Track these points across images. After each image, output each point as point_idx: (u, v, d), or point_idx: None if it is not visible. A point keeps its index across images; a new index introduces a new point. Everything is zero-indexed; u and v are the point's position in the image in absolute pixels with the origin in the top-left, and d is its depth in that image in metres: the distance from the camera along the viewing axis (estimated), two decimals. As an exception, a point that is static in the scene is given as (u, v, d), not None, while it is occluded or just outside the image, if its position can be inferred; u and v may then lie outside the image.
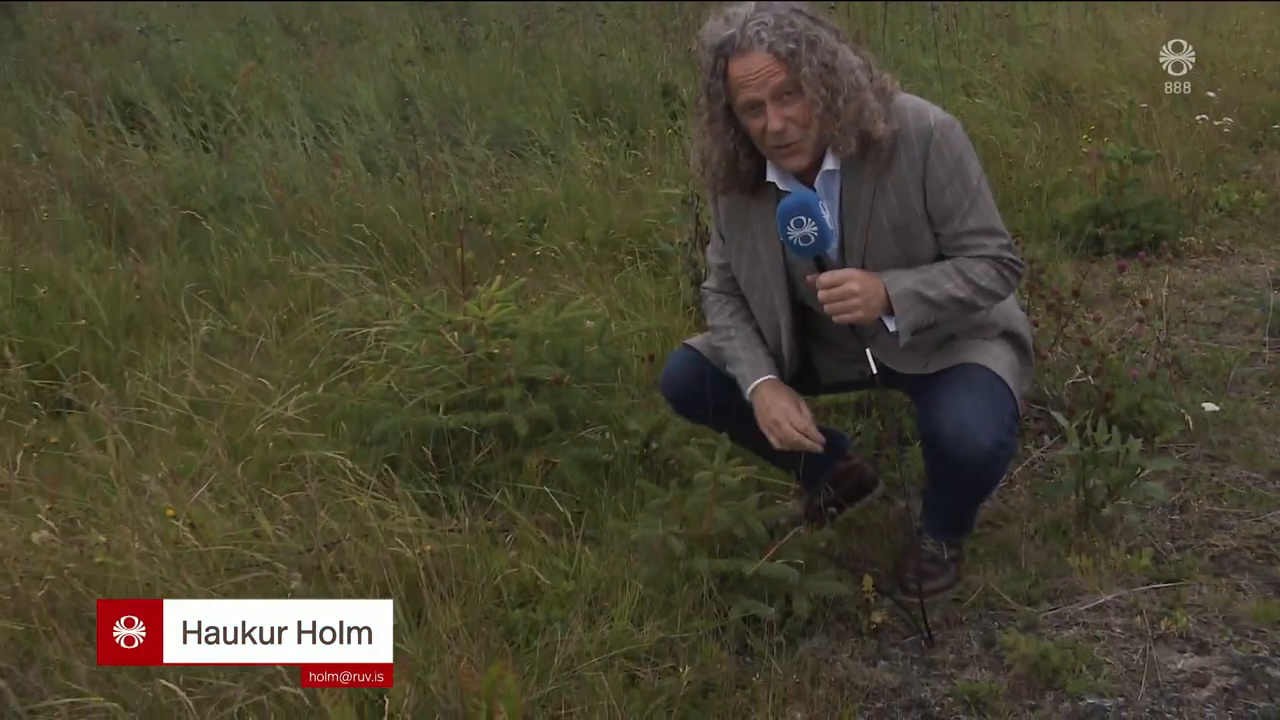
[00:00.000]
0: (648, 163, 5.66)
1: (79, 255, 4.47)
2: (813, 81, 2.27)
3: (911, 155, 2.39)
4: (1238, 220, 5.26)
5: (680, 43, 7.28)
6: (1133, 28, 8.16)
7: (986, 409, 2.44)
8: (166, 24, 8.14)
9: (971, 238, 2.44)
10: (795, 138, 2.33)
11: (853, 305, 2.34)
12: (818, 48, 2.28)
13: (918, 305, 2.39)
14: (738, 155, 2.43)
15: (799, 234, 2.30)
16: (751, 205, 2.54)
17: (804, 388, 2.75)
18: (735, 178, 2.47)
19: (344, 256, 4.50)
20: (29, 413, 3.47)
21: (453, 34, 8.04)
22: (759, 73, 2.28)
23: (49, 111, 6.15)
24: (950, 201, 2.41)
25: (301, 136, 5.96)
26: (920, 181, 2.40)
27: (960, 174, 2.41)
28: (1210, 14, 8.72)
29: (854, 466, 3.00)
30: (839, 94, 2.29)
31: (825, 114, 2.30)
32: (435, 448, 3.08)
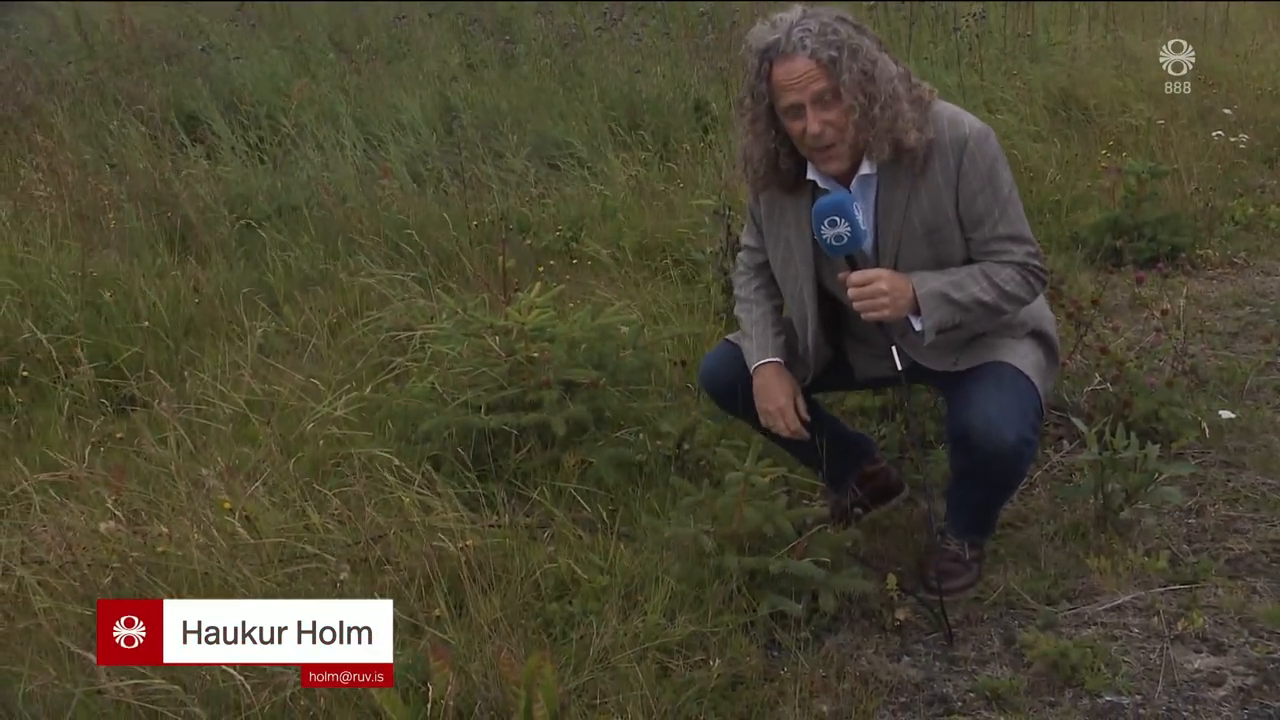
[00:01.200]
0: (680, 175, 5.65)
1: (144, 261, 4.50)
2: (852, 88, 2.28)
3: (946, 162, 2.39)
4: (1253, 233, 5.21)
5: (712, 60, 7.28)
6: (1150, 47, 8.08)
7: (1013, 404, 2.43)
8: (227, 43, 8.19)
9: (1000, 244, 2.43)
10: (832, 140, 2.34)
11: (881, 304, 2.34)
12: (859, 56, 2.29)
13: (943, 306, 2.38)
14: (778, 154, 2.44)
15: (833, 233, 2.30)
16: (789, 202, 2.55)
17: (839, 382, 2.79)
18: (775, 175, 2.48)
19: (391, 263, 4.52)
20: (97, 409, 3.50)
21: (495, 51, 8.03)
22: (801, 77, 2.29)
23: (118, 125, 6.19)
24: (981, 208, 2.41)
25: (351, 149, 5.98)
26: (953, 188, 2.40)
27: (992, 182, 2.41)
28: (1225, 34, 8.64)
29: (881, 470, 3.00)
30: (876, 101, 2.29)
31: (862, 120, 2.31)
32: (477, 447, 3.10)
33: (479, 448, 3.10)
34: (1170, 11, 9.56)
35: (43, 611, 2.41)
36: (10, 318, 3.93)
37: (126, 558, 2.53)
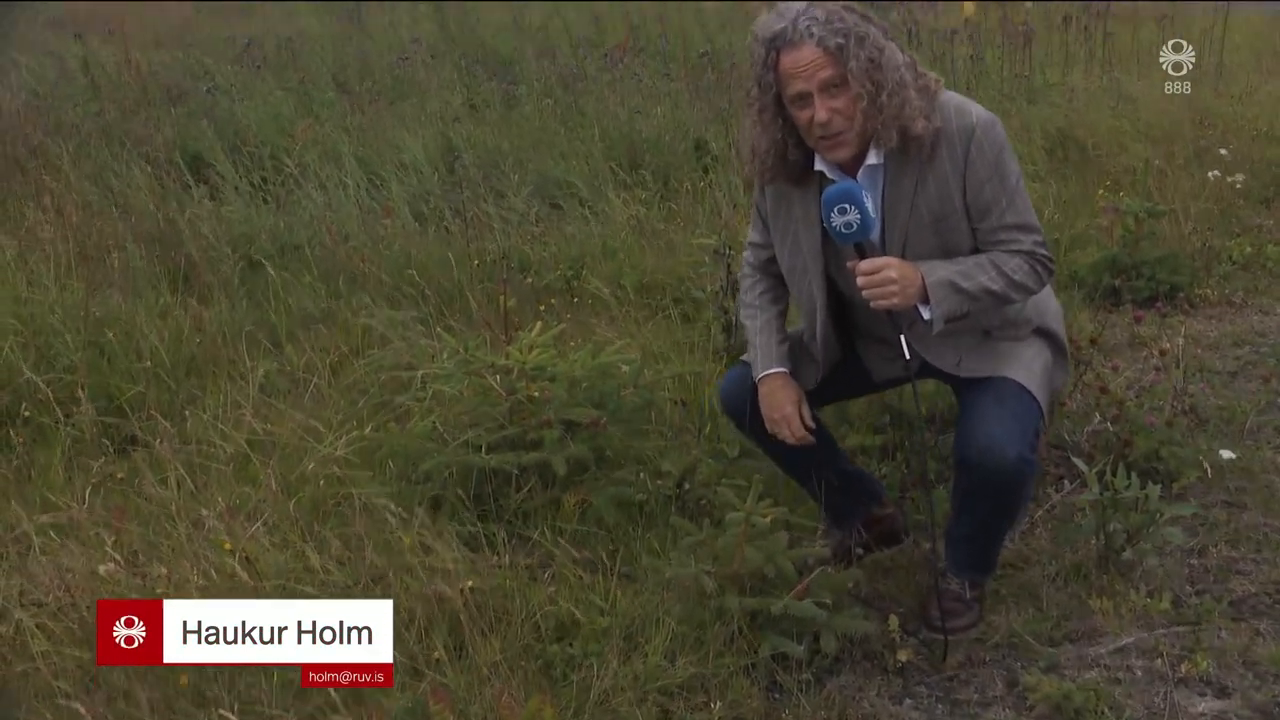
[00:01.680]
0: (680, 214, 5.65)
1: (147, 300, 4.48)
2: (859, 75, 2.28)
3: (953, 151, 2.40)
4: (1250, 273, 5.20)
5: (711, 101, 7.31)
6: (1147, 89, 8.12)
7: (1014, 424, 2.45)
8: (232, 85, 8.24)
9: (1008, 233, 2.44)
10: (840, 128, 2.34)
11: (890, 291, 2.34)
12: (865, 43, 2.29)
13: (952, 295, 2.38)
14: (786, 145, 2.44)
15: (842, 221, 2.31)
16: (795, 194, 2.55)
17: (854, 387, 2.81)
18: (783, 167, 2.48)
19: (393, 302, 4.51)
20: (98, 450, 3.48)
21: (497, 92, 8.06)
22: (808, 65, 2.29)
23: (124, 166, 6.21)
24: (989, 197, 2.42)
25: (354, 188, 5.98)
26: (961, 176, 2.41)
27: (999, 171, 2.42)
28: (1220, 76, 8.69)
29: (888, 515, 3.01)
30: (883, 89, 2.30)
31: (869, 107, 2.31)
32: (477, 486, 3.08)
33: (480, 487, 3.08)
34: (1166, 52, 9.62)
35: (40, 655, 2.39)
36: (12, 358, 3.91)
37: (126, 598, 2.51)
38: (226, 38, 10.40)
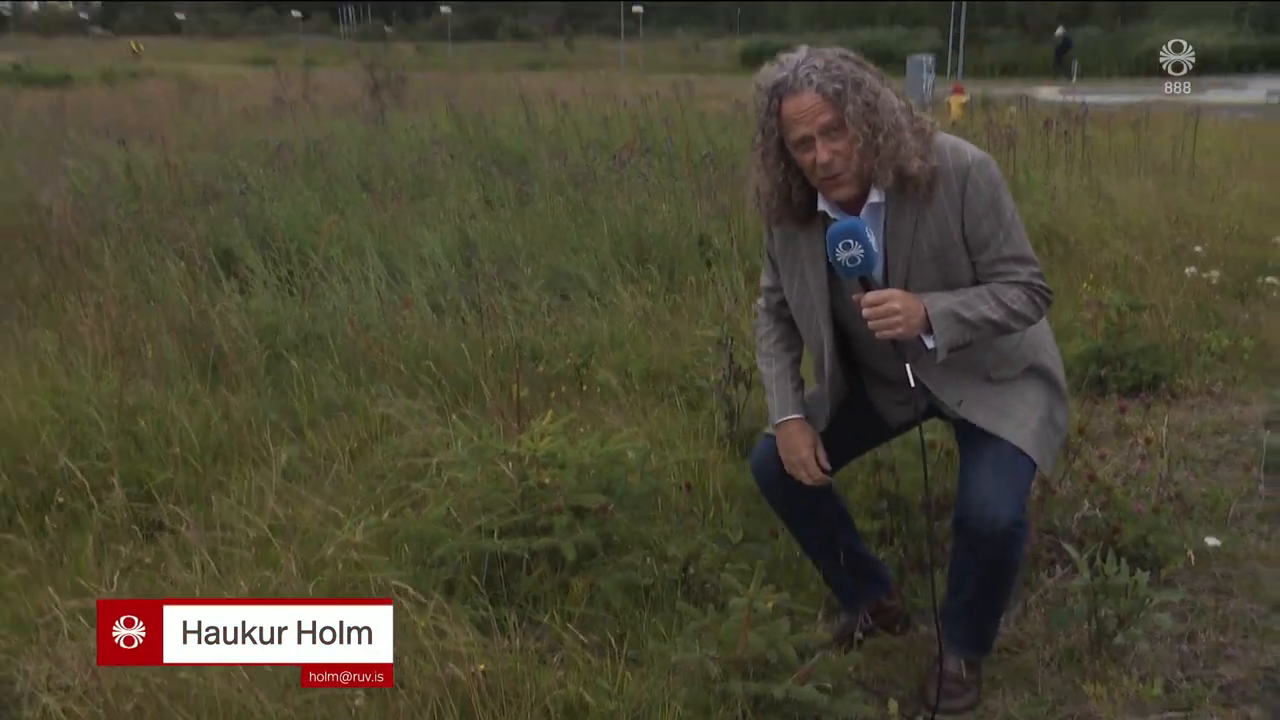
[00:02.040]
0: (685, 306, 5.68)
1: (178, 390, 4.48)
2: (856, 119, 2.32)
3: (950, 189, 2.42)
4: (1229, 364, 5.21)
5: (714, 198, 7.38)
6: (1124, 188, 8.22)
7: (1008, 491, 2.48)
8: (263, 184, 8.32)
9: (1005, 265, 2.46)
10: (840, 169, 2.37)
11: (894, 321, 2.35)
12: (862, 89, 2.33)
13: (954, 324, 2.39)
14: (790, 187, 2.47)
15: (846, 255, 2.33)
16: (802, 235, 2.57)
17: (874, 433, 2.82)
18: (788, 208, 2.51)
19: (411, 390, 4.50)
20: (127, 535, 3.44)
21: (511, 190, 8.13)
22: (809, 110, 2.33)
23: (159, 262, 6.25)
24: (986, 231, 2.43)
25: (375, 281, 5.99)
26: (959, 212, 2.42)
27: (995, 206, 2.44)
28: (1193, 178, 8.79)
29: (894, 607, 2.99)
30: (880, 131, 2.34)
31: (866, 148, 2.35)
32: (489, 570, 3.05)
33: (492, 571, 3.05)
34: (1143, 157, 9.75)
35: (65, 739, 2.35)
36: (49, 446, 3.90)
37: (149, 683, 2.46)
38: (259, 141, 10.54)
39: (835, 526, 2.86)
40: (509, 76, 24.59)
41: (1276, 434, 4.22)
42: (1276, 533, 3.57)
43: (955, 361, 2.50)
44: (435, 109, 13.25)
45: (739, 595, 2.52)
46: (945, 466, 3.42)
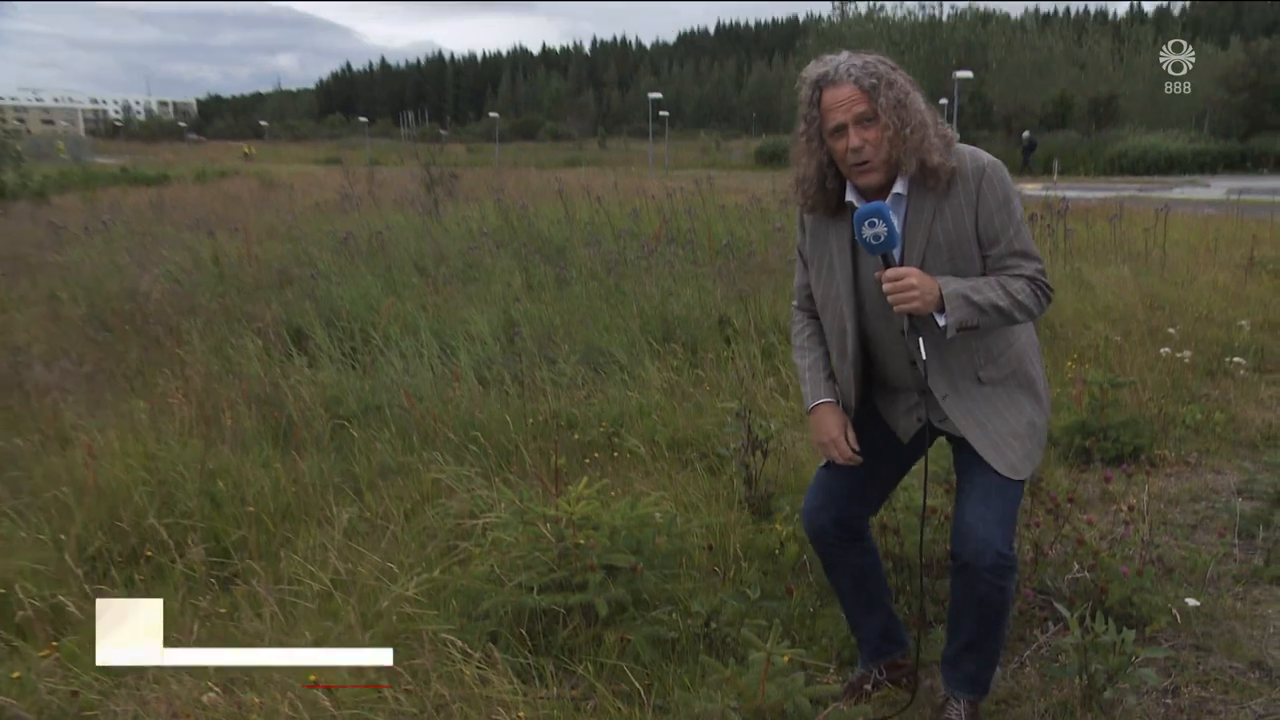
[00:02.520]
0: (707, 380, 5.68)
1: (253, 455, 4.50)
2: (887, 110, 2.35)
3: (967, 186, 2.41)
4: (1202, 437, 5.14)
5: (732, 283, 7.43)
6: (1103, 275, 8.20)
7: (996, 525, 2.46)
8: (330, 270, 8.45)
9: (1013, 259, 2.43)
10: (869, 156, 2.38)
11: (911, 296, 2.33)
12: (894, 87, 2.36)
13: (964, 305, 2.36)
14: (824, 175, 2.48)
15: (871, 233, 2.33)
16: (832, 228, 2.57)
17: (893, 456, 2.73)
18: (821, 195, 2.50)
19: (459, 456, 4.50)
20: (206, 587, 3.45)
21: (550, 275, 8.23)
22: (845, 100, 2.36)
23: (239, 339, 6.33)
24: (998, 226, 2.42)
25: (428, 356, 6.05)
26: (974, 208, 2.41)
27: (1006, 205, 2.43)
28: (1165, 265, 8.77)
29: (908, 668, 2.92)
30: (908, 124, 2.36)
31: (895, 138, 2.36)
32: (529, 624, 3.03)
33: (531, 624, 3.03)
34: (1119, 247, 9.75)
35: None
36: (140, 505, 3.92)
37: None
38: (329, 231, 10.73)
39: (871, 581, 2.82)
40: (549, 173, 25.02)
41: (1248, 502, 4.16)
42: (1251, 594, 3.49)
43: (950, 353, 2.48)
44: (483, 203, 13.44)
45: (758, 649, 2.48)
46: (944, 529, 3.38)
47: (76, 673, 2.84)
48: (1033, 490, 3.69)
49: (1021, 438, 2.53)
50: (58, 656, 2.90)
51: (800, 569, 3.49)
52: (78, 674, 2.83)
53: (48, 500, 4.03)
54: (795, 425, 4.92)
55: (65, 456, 4.44)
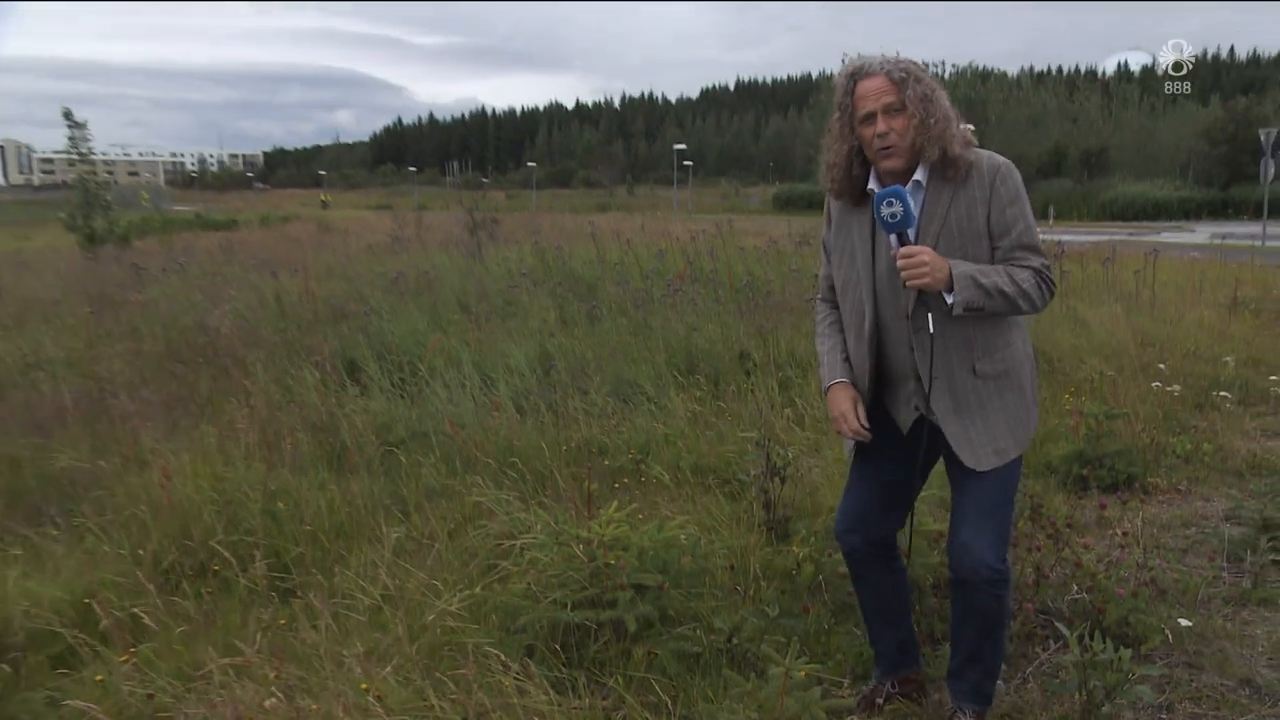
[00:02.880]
0: (728, 410, 5.66)
1: (310, 477, 4.52)
2: (914, 102, 2.37)
3: (982, 180, 2.42)
4: (1192, 465, 5.06)
5: (752, 319, 7.42)
6: (1097, 314, 8.13)
7: (993, 536, 2.47)
8: (382, 307, 8.51)
9: (1021, 252, 2.42)
10: (894, 142, 2.40)
11: (923, 271, 2.33)
12: (922, 83, 2.40)
13: (972, 286, 2.35)
14: (851, 162, 2.49)
15: (888, 211, 2.34)
16: (854, 217, 2.57)
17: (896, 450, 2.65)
18: (848, 181, 2.51)
19: (498, 481, 4.50)
20: (267, 600, 3.47)
21: (582, 312, 8.24)
22: (876, 90, 2.39)
23: (299, 370, 6.38)
24: (1009, 220, 2.42)
25: (470, 387, 6.05)
26: (987, 201, 2.42)
27: (1017, 201, 2.43)
28: (1154, 305, 8.68)
29: (918, 682, 2.88)
30: (932, 115, 2.37)
31: (920, 126, 2.37)
32: (563, 638, 3.01)
33: (565, 639, 3.01)
34: (1111, 287, 9.67)
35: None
36: (209, 522, 3.95)
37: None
38: (380, 271, 10.81)
39: (895, 599, 2.80)
40: (582, 218, 25.16)
41: (1236, 527, 4.09)
42: (1240, 615, 3.43)
43: (951, 340, 2.45)
44: (522, 245, 13.51)
45: (777, 664, 2.45)
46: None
47: (152, 677, 2.87)
48: (1033, 515, 3.65)
49: (996, 436, 2.50)
50: (135, 662, 2.92)
51: (816, 588, 3.45)
52: (153, 678, 2.86)
53: (128, 518, 4.07)
54: (811, 453, 4.89)
55: (143, 477, 4.48)
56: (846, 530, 2.75)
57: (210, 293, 9.45)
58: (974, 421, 2.50)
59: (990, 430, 2.50)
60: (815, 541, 3.64)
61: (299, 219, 32.58)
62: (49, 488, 4.64)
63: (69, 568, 3.68)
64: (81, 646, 3.09)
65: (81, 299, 9.52)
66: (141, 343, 7.52)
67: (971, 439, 2.49)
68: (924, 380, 2.49)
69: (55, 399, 5.96)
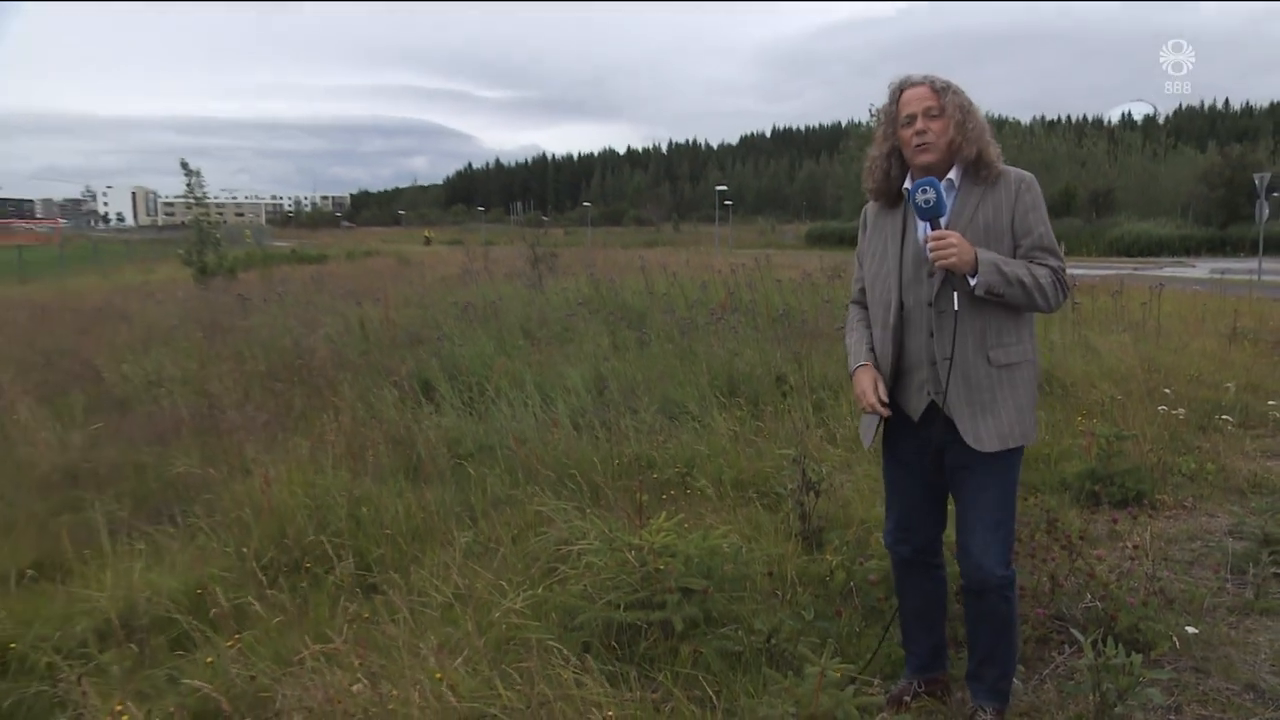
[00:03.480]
0: (766, 429, 5.61)
1: (389, 486, 4.56)
2: (952, 110, 2.41)
3: (1009, 187, 2.44)
4: (1197, 484, 4.92)
5: (789, 345, 7.37)
6: (1107, 341, 7.96)
7: (997, 543, 2.46)
8: (453, 333, 8.59)
9: (1041, 253, 2.43)
10: (931, 140, 2.42)
11: (951, 252, 2.34)
12: (960, 96, 2.47)
13: (995, 272, 2.35)
14: (890, 164, 2.52)
15: (922, 198, 2.37)
16: (887, 216, 2.60)
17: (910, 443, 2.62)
18: (885, 182, 2.54)
19: (557, 491, 4.51)
20: (353, 595, 3.50)
21: (633, 338, 8.24)
22: (919, 96, 2.44)
23: (380, 389, 6.46)
24: (1031, 222, 2.44)
25: (532, 406, 6.07)
26: (1012, 205, 2.43)
27: (1038, 207, 2.46)
28: (1159, 333, 8.48)
29: (945, 683, 2.84)
30: (969, 122, 2.41)
31: (957, 131, 2.41)
32: (616, 636, 3.00)
33: (618, 636, 3.00)
34: (1119, 317, 9.46)
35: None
36: (302, 524, 4.01)
37: (368, 711, 2.48)
38: (451, 301, 10.92)
39: (934, 607, 2.77)
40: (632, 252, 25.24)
41: (1239, 542, 3.97)
42: (1244, 623, 3.32)
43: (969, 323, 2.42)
44: (578, 277, 13.58)
45: (812, 664, 2.43)
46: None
47: (254, 660, 2.91)
48: (1049, 528, 3.58)
49: (1001, 422, 2.46)
50: (239, 647, 2.97)
51: (847, 594, 3.41)
52: (255, 662, 2.90)
53: (233, 519, 4.15)
54: (844, 470, 4.84)
55: (246, 484, 4.56)
56: (896, 542, 2.74)
57: (304, 319, 9.62)
58: (981, 404, 2.46)
59: (996, 415, 2.46)
60: (847, 550, 3.60)
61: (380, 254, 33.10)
62: (168, 491, 4.75)
63: (183, 562, 3.75)
64: (194, 631, 3.15)
65: (195, 325, 9.74)
66: (245, 364, 7.66)
67: (977, 420, 2.46)
68: (939, 363, 2.47)
69: (173, 413, 6.10)
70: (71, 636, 3.16)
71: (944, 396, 2.47)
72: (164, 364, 7.73)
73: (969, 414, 2.46)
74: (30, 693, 2.88)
